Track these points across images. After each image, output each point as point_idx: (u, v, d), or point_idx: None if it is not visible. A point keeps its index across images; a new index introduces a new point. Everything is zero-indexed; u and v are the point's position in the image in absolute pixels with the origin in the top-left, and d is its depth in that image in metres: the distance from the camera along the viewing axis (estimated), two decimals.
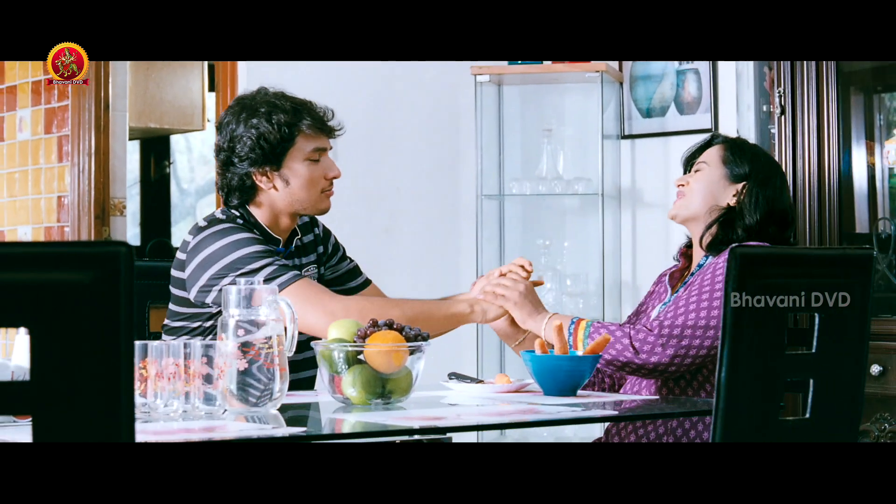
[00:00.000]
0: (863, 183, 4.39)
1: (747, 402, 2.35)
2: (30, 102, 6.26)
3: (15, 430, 2.33)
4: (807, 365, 2.42)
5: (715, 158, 3.32)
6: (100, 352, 1.88)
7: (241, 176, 3.29)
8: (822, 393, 2.42)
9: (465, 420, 2.60)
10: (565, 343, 2.94)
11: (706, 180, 3.30)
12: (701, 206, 3.28)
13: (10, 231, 6.35)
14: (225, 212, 3.32)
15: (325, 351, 2.73)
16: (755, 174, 3.28)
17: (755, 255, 2.34)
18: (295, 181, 3.30)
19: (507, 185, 5.43)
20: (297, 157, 3.31)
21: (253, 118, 3.28)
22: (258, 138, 3.26)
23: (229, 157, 3.30)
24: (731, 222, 3.24)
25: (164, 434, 2.31)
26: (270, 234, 3.32)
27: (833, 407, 2.44)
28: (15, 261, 1.87)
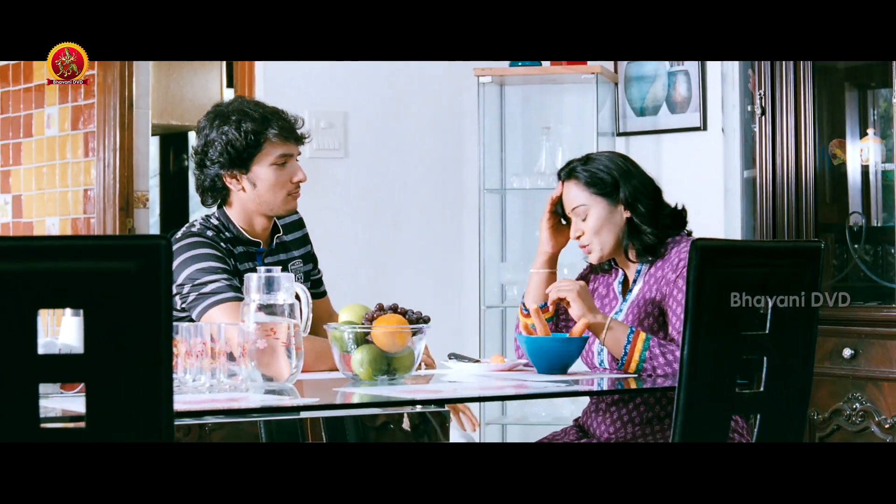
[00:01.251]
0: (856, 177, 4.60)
1: (708, 377, 2.63)
2: (57, 100, 6.33)
3: (63, 399, 2.62)
4: (761, 345, 2.70)
5: (582, 195, 3.34)
6: (143, 329, 2.18)
7: (213, 178, 3.47)
8: (774, 370, 2.70)
9: (461, 394, 2.90)
10: (546, 326, 3.22)
11: (595, 218, 3.34)
12: (610, 243, 3.33)
13: (39, 222, 6.44)
14: (203, 222, 3.48)
15: (336, 332, 3.01)
16: (619, 179, 3.33)
17: (714, 248, 2.63)
18: (261, 184, 3.46)
19: (508, 179, 5.52)
20: (264, 162, 3.46)
21: (224, 125, 3.45)
22: (227, 144, 3.43)
23: (202, 160, 3.48)
24: (634, 230, 3.32)
25: (194, 403, 2.59)
26: (247, 238, 3.49)
27: (785, 382, 2.72)
28: (72, 252, 2.17)
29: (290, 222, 3.65)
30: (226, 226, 3.47)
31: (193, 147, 3.54)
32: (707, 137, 5.14)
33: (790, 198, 4.51)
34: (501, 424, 5.48)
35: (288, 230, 3.63)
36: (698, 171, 5.09)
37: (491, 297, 5.42)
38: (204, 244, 3.37)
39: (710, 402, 2.63)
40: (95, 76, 6.08)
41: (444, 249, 5.63)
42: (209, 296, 3.26)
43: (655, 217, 3.32)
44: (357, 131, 5.46)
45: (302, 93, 5.35)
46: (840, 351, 4.30)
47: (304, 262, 3.63)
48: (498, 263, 5.51)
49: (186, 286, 3.29)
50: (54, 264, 2.14)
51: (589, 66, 5.23)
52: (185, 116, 7.36)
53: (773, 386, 2.69)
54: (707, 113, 5.16)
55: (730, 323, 2.62)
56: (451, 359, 3.36)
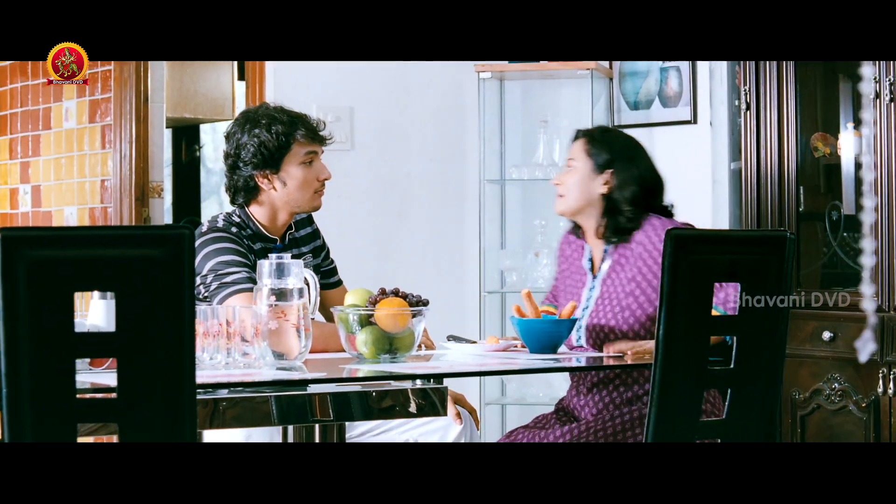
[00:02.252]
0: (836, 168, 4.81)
1: (682, 355, 2.87)
2: (75, 94, 6.46)
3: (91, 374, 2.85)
4: (730, 326, 2.95)
5: (580, 153, 3.61)
6: (167, 310, 2.42)
7: (246, 178, 3.68)
8: (743, 349, 2.93)
9: (456, 369, 3.14)
10: (536, 308, 3.46)
11: (577, 176, 3.60)
12: (578, 200, 3.58)
13: (57, 211, 6.58)
14: (226, 219, 3.69)
15: (342, 314, 3.24)
16: (616, 160, 3.58)
17: (687, 237, 2.86)
18: (291, 182, 3.68)
19: (507, 170, 5.61)
20: (293, 162, 3.68)
21: (255, 129, 3.67)
22: (259, 146, 3.65)
23: (235, 162, 3.69)
24: (612, 210, 3.55)
25: (212, 377, 2.83)
26: (266, 234, 3.70)
27: (754, 359, 2.95)
28: (105, 240, 2.42)
29: (301, 219, 3.84)
30: (246, 223, 3.68)
31: (225, 151, 3.73)
32: (697, 130, 5.28)
33: (773, 188, 4.72)
34: (501, 405, 5.64)
35: (299, 227, 3.83)
36: (689, 163, 5.25)
37: (491, 283, 5.57)
38: (227, 239, 3.59)
39: (683, 379, 2.86)
40: (112, 71, 6.23)
41: (447, 237, 5.75)
42: (230, 285, 3.48)
43: (638, 205, 3.55)
44: (363, 125, 5.58)
45: (310, 88, 5.49)
46: (820, 334, 4.52)
47: (314, 256, 3.83)
48: (498, 251, 5.64)
49: (210, 276, 3.51)
50: (89, 251, 2.39)
51: (584, 63, 5.37)
52: (197, 110, 7.51)
53: (742, 363, 2.92)
54: (697, 107, 5.29)
55: (702, 305, 2.86)
56: (449, 340, 3.59)
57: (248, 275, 3.51)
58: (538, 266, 5.47)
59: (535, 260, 5.50)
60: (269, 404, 2.98)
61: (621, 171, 3.59)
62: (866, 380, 4.43)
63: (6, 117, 6.96)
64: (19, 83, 6.87)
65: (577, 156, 3.63)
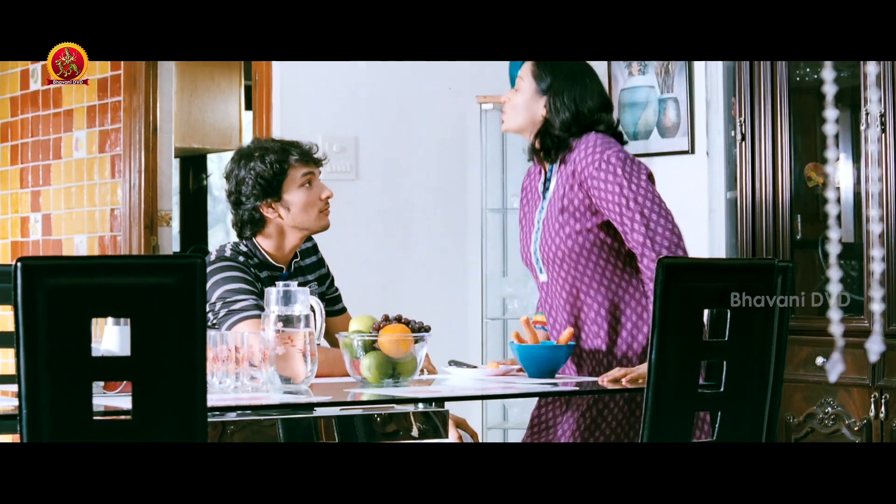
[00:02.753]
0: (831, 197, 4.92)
1: (674, 378, 2.98)
2: (85, 124, 6.59)
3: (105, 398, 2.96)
4: (720, 350, 3.05)
5: (527, 73, 3.71)
6: (180, 335, 2.53)
7: (251, 211, 3.76)
8: (733, 372, 3.04)
9: (457, 393, 3.25)
10: (535, 334, 3.57)
11: (522, 95, 3.71)
12: (522, 118, 3.70)
13: (67, 239, 6.71)
14: (234, 248, 3.76)
15: (347, 340, 3.35)
16: (556, 84, 3.67)
17: (677, 265, 2.98)
18: (294, 207, 3.76)
19: (508, 200, 5.70)
20: (292, 186, 3.76)
21: (250, 162, 3.76)
22: (257, 177, 3.74)
23: (238, 198, 3.77)
24: (544, 132, 3.67)
25: (222, 401, 2.94)
26: (272, 263, 3.78)
27: (743, 383, 3.06)
28: (121, 269, 2.54)
29: (306, 248, 3.93)
30: (253, 253, 3.77)
31: (226, 190, 3.82)
32: (694, 160, 5.39)
33: (768, 217, 4.84)
34: (503, 429, 5.74)
35: (304, 255, 3.91)
36: (686, 192, 5.36)
37: (493, 310, 5.68)
38: (235, 268, 3.68)
39: (675, 401, 2.97)
40: (122, 102, 6.38)
41: (449, 265, 5.82)
42: (238, 312, 3.59)
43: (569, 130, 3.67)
44: (367, 155, 5.67)
45: (316, 119, 5.57)
46: (813, 359, 4.62)
47: (319, 284, 3.92)
48: (499, 278, 5.74)
49: (218, 304, 3.61)
50: (105, 279, 2.50)
51: None
52: (205, 140, 7.63)
53: (732, 386, 3.03)
54: (694, 137, 5.39)
55: (693, 331, 2.97)
56: (451, 365, 3.70)
57: (255, 302, 3.61)
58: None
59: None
60: (276, 427, 3.10)
61: (560, 94, 3.69)
62: (858, 404, 4.53)
63: (18, 147, 7.10)
64: (30, 113, 7.01)
65: (525, 76, 3.74)
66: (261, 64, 5.60)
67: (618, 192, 3.54)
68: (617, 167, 3.56)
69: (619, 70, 5.67)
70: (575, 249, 3.64)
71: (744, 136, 4.90)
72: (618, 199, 3.54)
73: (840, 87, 4.91)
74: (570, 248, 3.64)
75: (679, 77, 5.48)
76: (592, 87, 3.74)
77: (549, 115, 3.68)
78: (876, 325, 1.77)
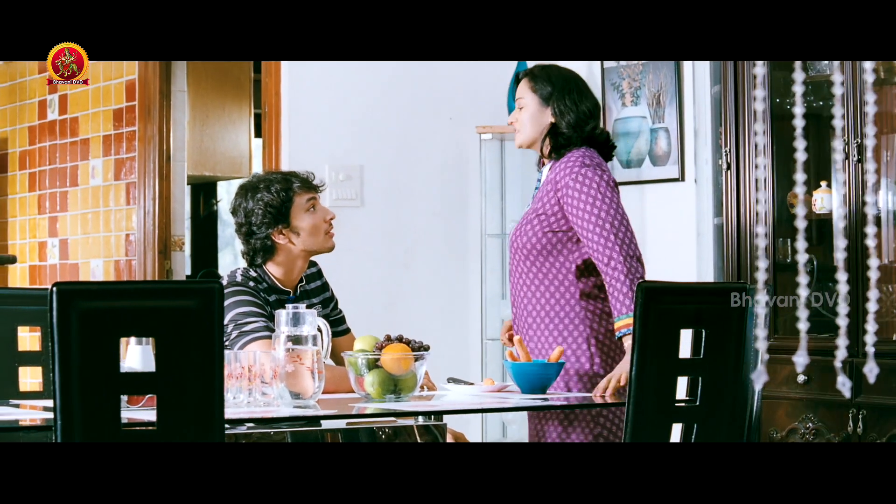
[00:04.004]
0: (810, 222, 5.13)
1: (652, 393, 3.22)
2: (101, 153, 6.80)
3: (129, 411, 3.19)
4: (695, 367, 3.30)
5: (526, 91, 4.05)
6: (201, 353, 2.78)
7: (263, 239, 3.96)
8: (708, 387, 3.29)
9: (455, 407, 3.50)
10: (528, 353, 3.82)
11: (527, 110, 4.04)
12: (531, 132, 4.03)
13: (84, 264, 6.91)
14: (244, 274, 3.96)
15: (351, 358, 3.60)
16: (556, 90, 4.02)
17: (656, 289, 3.23)
18: (303, 231, 3.97)
19: (507, 225, 5.83)
20: (299, 211, 3.97)
21: (257, 194, 3.97)
22: (266, 206, 3.94)
23: (249, 229, 3.97)
24: (554, 132, 4.00)
25: (237, 414, 3.18)
26: (280, 287, 3.98)
27: (716, 398, 3.30)
28: (146, 293, 2.79)
29: (310, 273, 4.13)
30: (262, 278, 3.98)
31: (236, 223, 4.00)
32: (684, 188, 5.57)
33: (752, 242, 5.07)
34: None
35: (309, 280, 4.12)
36: (676, 218, 5.56)
37: (492, 331, 5.84)
38: (245, 292, 3.89)
39: (654, 414, 3.22)
40: (136, 132, 6.61)
41: (450, 287, 5.97)
42: (249, 333, 3.80)
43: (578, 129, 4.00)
44: (372, 182, 5.85)
45: (323, 148, 5.76)
46: (795, 377, 4.85)
47: (324, 307, 4.13)
48: (499, 300, 5.89)
49: (230, 326, 3.84)
50: (132, 303, 2.76)
51: None
52: (216, 168, 7.85)
53: (706, 400, 3.28)
54: (684, 166, 5.58)
55: (670, 349, 3.22)
56: (449, 382, 3.93)
57: (265, 324, 3.83)
58: None
59: None
60: (285, 438, 3.34)
61: (562, 98, 4.03)
62: (838, 419, 4.76)
63: (36, 174, 7.31)
64: (48, 142, 7.22)
65: (525, 94, 4.07)
66: (270, 94, 5.77)
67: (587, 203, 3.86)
68: (592, 182, 3.84)
69: (612, 101, 5.89)
70: (537, 247, 3.97)
71: (729, 164, 5.13)
72: (586, 209, 3.86)
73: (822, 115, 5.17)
74: (533, 245, 3.97)
75: (670, 107, 5.69)
76: (586, 90, 4.10)
77: (556, 119, 4.00)
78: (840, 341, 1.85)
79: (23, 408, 3.49)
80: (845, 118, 4.71)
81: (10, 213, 7.53)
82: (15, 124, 7.50)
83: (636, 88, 5.82)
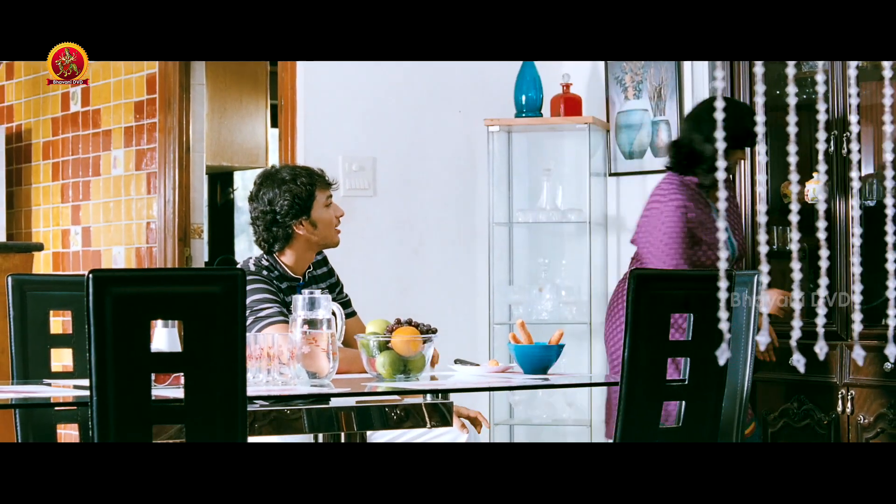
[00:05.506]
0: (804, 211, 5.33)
1: (644, 372, 3.44)
2: (123, 144, 6.98)
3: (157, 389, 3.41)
4: (684, 348, 3.52)
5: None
6: (225, 335, 3.00)
7: (285, 228, 4.17)
8: (696, 366, 3.51)
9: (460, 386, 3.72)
10: (529, 335, 4.04)
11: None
12: None
13: (106, 251, 7.09)
14: (256, 263, 4.17)
15: (363, 340, 3.82)
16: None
17: (647, 275, 3.45)
18: (321, 224, 4.21)
19: (514, 214, 6.02)
20: (319, 206, 4.21)
21: (283, 185, 4.17)
22: (294, 198, 4.16)
23: (273, 217, 4.16)
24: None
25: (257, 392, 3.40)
26: (290, 275, 4.20)
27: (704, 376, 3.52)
28: (175, 279, 3.02)
29: (318, 260, 4.35)
30: (274, 266, 4.21)
31: (260, 210, 4.17)
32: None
33: (746, 229, 5.29)
34: (509, 425, 6.13)
35: (316, 267, 4.35)
36: None
37: (500, 315, 6.03)
38: (259, 281, 4.11)
39: (645, 391, 3.44)
40: (157, 123, 6.80)
41: (459, 274, 6.13)
42: (264, 318, 4.02)
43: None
44: (384, 173, 6.02)
45: (337, 140, 5.92)
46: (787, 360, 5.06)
47: (330, 292, 4.33)
48: (506, 286, 6.09)
49: (246, 312, 4.06)
50: (162, 288, 2.98)
51: (583, 118, 5.90)
52: (234, 159, 8.05)
53: (694, 378, 3.49)
54: None
55: (660, 332, 3.44)
56: (456, 363, 4.15)
57: (278, 310, 4.04)
58: (542, 300, 5.96)
59: (539, 294, 6.00)
60: (301, 415, 3.55)
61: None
62: (827, 400, 4.98)
63: (59, 164, 7.49)
64: (70, 133, 7.40)
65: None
66: (286, 88, 5.93)
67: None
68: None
69: (615, 94, 6.09)
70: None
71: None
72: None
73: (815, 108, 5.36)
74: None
75: (670, 100, 5.90)
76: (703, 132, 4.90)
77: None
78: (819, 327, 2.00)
79: (55, 386, 3.70)
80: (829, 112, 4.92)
81: (34, 202, 7.71)
82: (38, 115, 7.68)
83: (638, 82, 6.01)
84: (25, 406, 3.75)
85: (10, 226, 7.75)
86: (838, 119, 4.97)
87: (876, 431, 4.85)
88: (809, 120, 5.49)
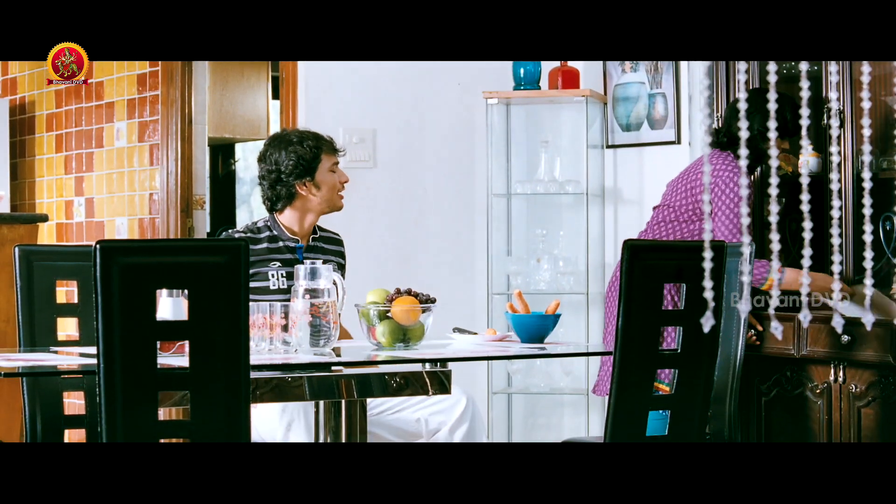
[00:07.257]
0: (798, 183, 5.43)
1: (638, 341, 3.52)
2: (125, 116, 7.04)
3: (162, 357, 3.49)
4: (677, 318, 3.60)
5: None
6: (228, 303, 3.08)
7: (288, 187, 4.34)
8: (688, 335, 3.59)
9: (459, 355, 3.80)
10: (526, 305, 4.12)
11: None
12: None
13: (109, 222, 7.16)
14: (243, 230, 4.31)
15: (364, 309, 3.91)
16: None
17: (641, 246, 3.53)
18: (324, 186, 4.36)
19: (513, 185, 6.05)
20: (324, 169, 4.37)
21: (290, 147, 4.34)
22: (298, 159, 4.33)
23: (278, 177, 4.34)
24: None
25: (260, 359, 3.49)
26: (289, 236, 4.33)
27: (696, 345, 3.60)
28: (180, 250, 3.10)
29: (334, 238, 4.47)
30: (271, 227, 4.35)
31: (265, 169, 4.35)
32: (680, 150, 5.86)
33: None
34: (507, 394, 6.21)
35: (328, 241, 4.46)
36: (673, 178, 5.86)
37: (498, 286, 6.09)
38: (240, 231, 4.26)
39: (639, 359, 3.52)
40: (159, 95, 6.86)
41: (458, 244, 6.21)
42: None
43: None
44: (384, 145, 6.08)
45: (338, 112, 5.99)
46: None
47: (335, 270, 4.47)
48: (504, 257, 6.14)
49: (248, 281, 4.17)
50: (168, 258, 3.06)
51: (581, 90, 5.94)
52: (236, 130, 8.13)
53: (686, 347, 3.57)
54: (681, 129, 5.87)
55: (654, 301, 3.51)
56: (454, 332, 4.24)
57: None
58: (539, 270, 6.03)
59: (536, 265, 6.07)
60: (303, 383, 3.62)
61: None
62: (819, 370, 5.06)
63: (62, 136, 7.57)
64: (74, 105, 7.47)
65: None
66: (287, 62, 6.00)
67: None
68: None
69: (612, 67, 6.16)
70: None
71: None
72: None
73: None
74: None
75: (667, 74, 5.96)
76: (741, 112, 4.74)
77: None
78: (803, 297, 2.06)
79: (61, 354, 3.78)
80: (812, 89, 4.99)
81: (37, 173, 7.78)
82: (42, 88, 7.74)
83: None
84: (33, 374, 3.83)
85: (14, 197, 7.82)
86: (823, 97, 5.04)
87: (867, 400, 4.93)
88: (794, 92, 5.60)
